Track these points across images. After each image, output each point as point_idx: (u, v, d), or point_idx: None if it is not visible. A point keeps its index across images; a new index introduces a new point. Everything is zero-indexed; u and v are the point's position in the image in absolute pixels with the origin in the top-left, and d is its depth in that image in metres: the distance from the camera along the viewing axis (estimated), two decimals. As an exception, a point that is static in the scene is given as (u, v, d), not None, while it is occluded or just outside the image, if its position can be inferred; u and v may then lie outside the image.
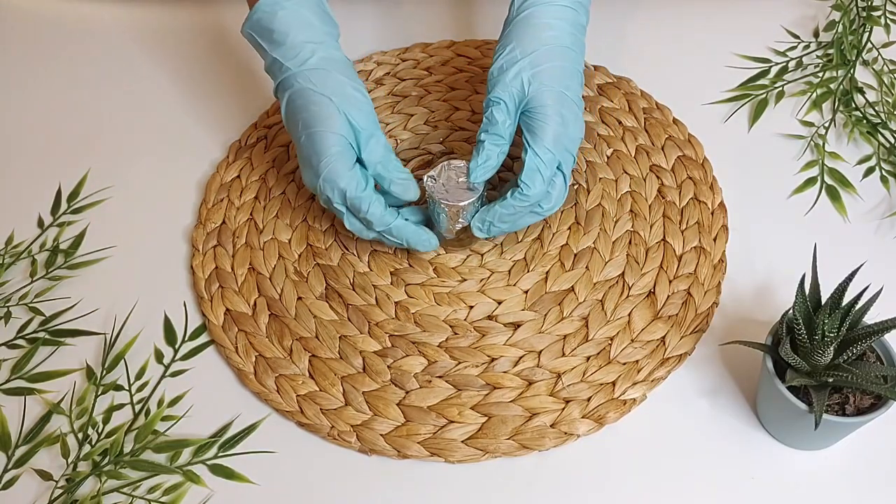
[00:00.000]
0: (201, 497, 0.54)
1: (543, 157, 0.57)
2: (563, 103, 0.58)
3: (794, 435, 0.53)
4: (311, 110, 0.59)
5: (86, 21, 0.85)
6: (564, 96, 0.58)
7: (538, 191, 0.57)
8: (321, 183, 0.58)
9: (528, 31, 0.59)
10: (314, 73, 0.59)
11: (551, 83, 0.57)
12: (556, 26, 0.59)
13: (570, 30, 0.59)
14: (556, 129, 0.57)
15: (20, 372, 0.60)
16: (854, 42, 0.75)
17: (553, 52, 0.58)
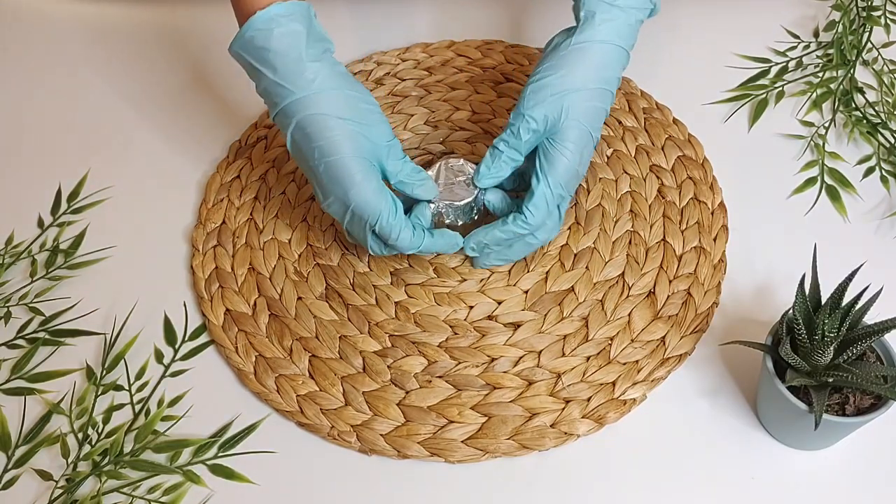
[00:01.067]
0: (201, 497, 0.54)
1: (553, 191, 0.57)
2: (586, 144, 0.58)
3: (794, 435, 0.53)
4: (328, 136, 0.55)
5: (86, 21, 0.85)
6: (590, 137, 0.58)
7: (540, 220, 0.58)
8: (351, 214, 0.57)
9: (583, 64, 0.57)
10: (324, 97, 0.56)
11: (584, 121, 0.57)
12: (610, 67, 0.58)
13: (618, 73, 0.59)
14: (572, 167, 0.57)
15: (20, 372, 0.60)
16: (854, 42, 0.75)
17: (597, 94, 0.58)
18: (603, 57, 0.57)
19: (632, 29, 0.59)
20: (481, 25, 0.81)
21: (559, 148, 0.57)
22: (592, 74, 0.57)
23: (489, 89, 0.74)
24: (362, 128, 0.56)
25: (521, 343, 0.59)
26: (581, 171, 0.58)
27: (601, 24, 0.57)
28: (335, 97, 0.56)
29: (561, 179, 0.57)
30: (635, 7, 0.58)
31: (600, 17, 0.57)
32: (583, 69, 0.57)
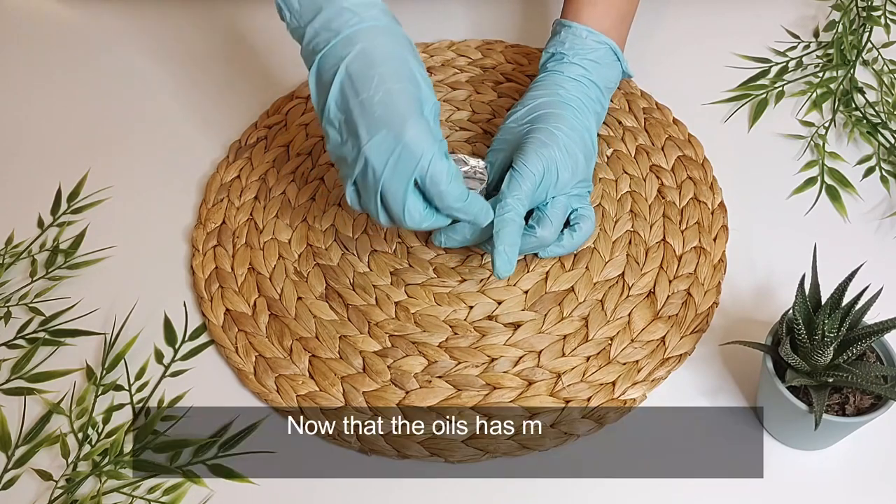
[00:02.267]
0: (201, 497, 0.54)
1: (522, 172, 0.58)
2: (549, 137, 0.59)
3: (794, 435, 0.53)
4: (398, 60, 0.52)
5: (86, 21, 0.85)
6: (551, 133, 0.59)
7: (514, 200, 0.57)
8: (399, 155, 0.51)
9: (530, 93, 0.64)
10: (396, 30, 0.54)
11: (540, 122, 0.60)
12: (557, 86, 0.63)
13: (571, 91, 0.63)
14: (540, 152, 0.58)
15: (20, 372, 0.60)
16: (854, 42, 0.75)
17: (547, 104, 0.62)
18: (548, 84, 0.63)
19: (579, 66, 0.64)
20: (481, 25, 0.81)
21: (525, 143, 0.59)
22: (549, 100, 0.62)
23: (489, 89, 0.74)
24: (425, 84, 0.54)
25: (521, 343, 0.59)
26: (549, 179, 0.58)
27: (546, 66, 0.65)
28: (403, 36, 0.55)
29: (528, 161, 0.58)
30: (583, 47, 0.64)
31: (544, 64, 0.65)
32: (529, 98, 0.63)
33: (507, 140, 0.62)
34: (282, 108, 0.74)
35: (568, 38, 0.64)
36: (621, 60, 0.66)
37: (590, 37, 0.64)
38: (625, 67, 0.66)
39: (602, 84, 0.64)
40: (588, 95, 0.63)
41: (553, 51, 0.65)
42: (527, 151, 0.58)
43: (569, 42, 0.64)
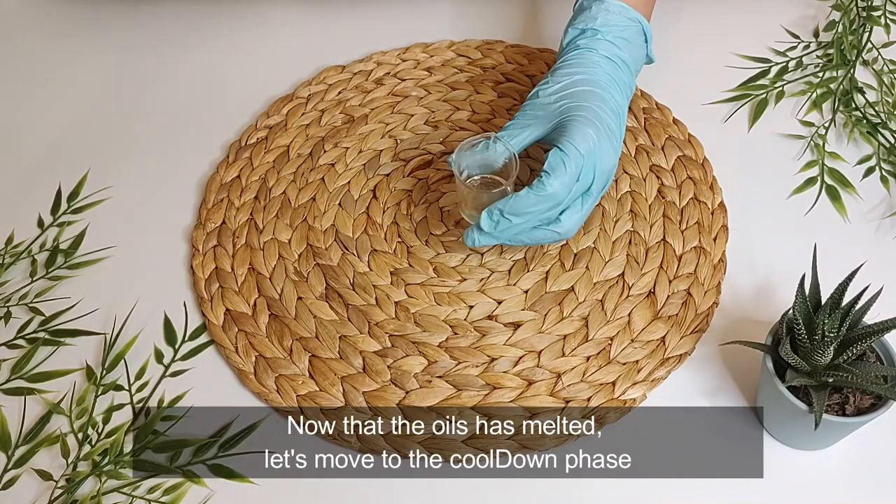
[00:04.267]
0: (201, 497, 0.54)
1: (569, 152, 0.55)
2: (595, 116, 0.57)
3: (794, 435, 0.53)
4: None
5: (86, 21, 0.85)
6: (596, 113, 0.57)
7: (558, 187, 0.54)
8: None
9: (563, 69, 0.61)
10: None
11: (582, 100, 0.58)
12: (592, 64, 0.61)
13: (605, 69, 0.61)
14: (585, 131, 0.56)
15: (20, 372, 0.60)
16: (854, 42, 0.75)
17: (584, 81, 0.60)
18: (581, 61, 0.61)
19: (611, 44, 0.62)
20: (481, 25, 0.81)
21: (566, 120, 0.57)
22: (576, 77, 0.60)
23: (489, 89, 0.74)
24: None
25: (521, 343, 0.59)
26: (603, 148, 0.56)
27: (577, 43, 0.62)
28: None
29: (575, 142, 0.55)
30: (615, 24, 0.62)
31: (575, 41, 0.63)
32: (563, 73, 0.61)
33: (536, 116, 0.59)
34: (281, 108, 0.74)
35: (600, 13, 0.62)
36: (648, 41, 0.64)
37: (622, 13, 0.62)
38: (649, 50, 0.65)
39: (632, 65, 0.63)
40: (621, 77, 0.61)
41: (583, 27, 0.62)
42: (572, 130, 0.56)
43: (601, 17, 0.62)
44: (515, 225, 0.55)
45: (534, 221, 0.55)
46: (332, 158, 0.70)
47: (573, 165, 0.54)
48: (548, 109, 0.59)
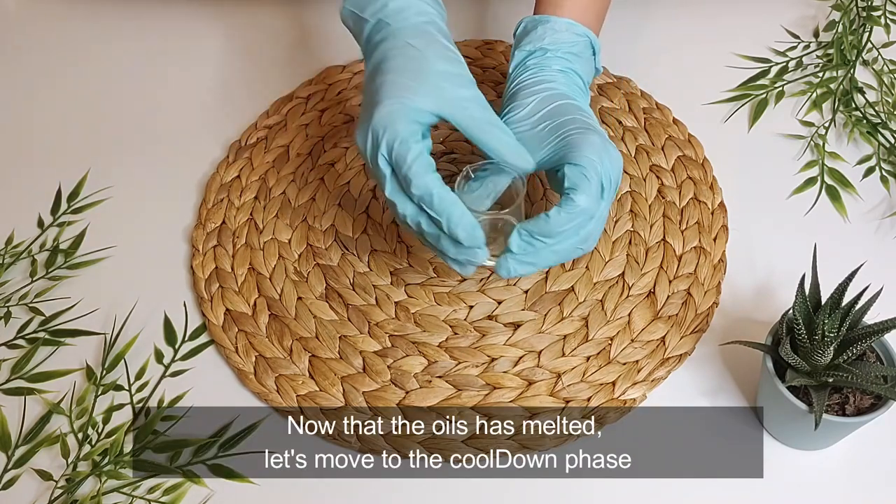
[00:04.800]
0: (201, 497, 0.54)
1: (586, 164, 0.51)
2: (584, 123, 0.55)
3: (794, 435, 0.53)
4: (403, 62, 0.53)
5: (86, 21, 0.85)
6: (582, 120, 0.55)
7: (587, 202, 0.51)
8: (371, 126, 0.51)
9: (522, 93, 0.59)
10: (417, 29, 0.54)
11: (562, 115, 0.55)
12: (549, 80, 0.59)
13: (565, 82, 0.59)
14: (591, 139, 0.53)
15: (20, 372, 0.60)
16: (854, 42, 0.75)
17: (552, 96, 0.57)
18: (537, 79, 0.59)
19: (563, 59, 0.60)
20: (481, 25, 0.81)
21: (569, 135, 0.54)
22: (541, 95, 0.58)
23: (489, 89, 0.74)
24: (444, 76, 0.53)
25: (521, 343, 0.59)
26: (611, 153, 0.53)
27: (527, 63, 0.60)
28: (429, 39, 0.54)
29: (587, 152, 0.52)
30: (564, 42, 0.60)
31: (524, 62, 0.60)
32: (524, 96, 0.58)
33: None
34: (281, 108, 0.74)
35: (547, 33, 0.60)
36: (597, 54, 0.62)
37: (570, 29, 0.61)
38: (597, 62, 0.63)
39: (584, 77, 0.61)
40: (579, 86, 0.60)
41: (531, 48, 0.60)
42: (578, 144, 0.53)
43: (549, 37, 0.60)
44: (549, 246, 0.51)
45: (570, 239, 0.52)
46: (332, 158, 0.70)
47: (594, 176, 0.52)
48: (529, 135, 0.56)
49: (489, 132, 0.53)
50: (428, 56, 0.53)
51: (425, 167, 0.50)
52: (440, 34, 0.56)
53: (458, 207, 0.50)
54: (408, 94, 0.51)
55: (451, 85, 0.53)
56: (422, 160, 0.50)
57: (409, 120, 0.51)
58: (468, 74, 0.55)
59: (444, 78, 0.53)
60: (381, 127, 0.50)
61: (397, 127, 0.50)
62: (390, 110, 0.51)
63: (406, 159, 0.50)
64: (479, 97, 0.54)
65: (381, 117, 0.51)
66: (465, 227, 0.50)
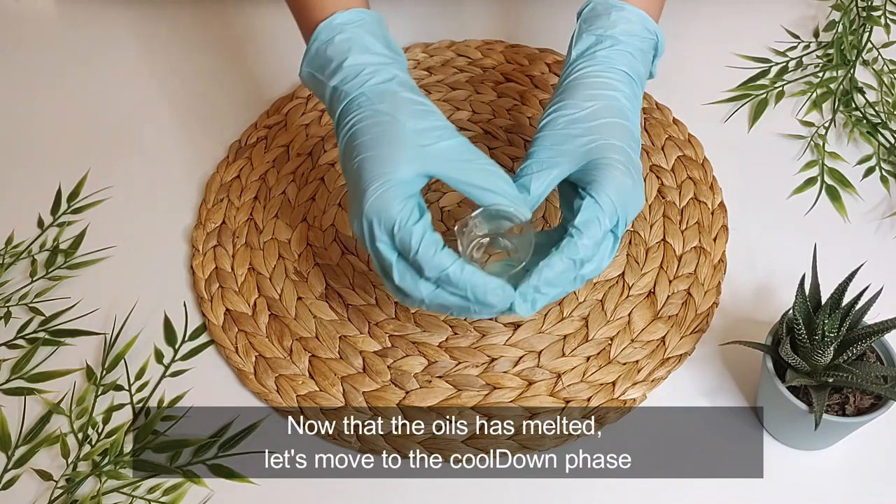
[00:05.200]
0: (201, 497, 0.54)
1: (605, 206, 0.49)
2: (628, 159, 0.51)
3: (794, 435, 0.53)
4: (375, 132, 0.50)
5: (86, 21, 0.85)
6: (628, 154, 0.51)
7: (591, 244, 0.49)
8: (365, 215, 0.48)
9: (583, 89, 0.54)
10: (378, 91, 0.52)
11: (613, 138, 0.51)
12: (614, 87, 0.54)
13: (627, 93, 0.54)
14: (622, 181, 0.50)
15: (20, 372, 0.60)
16: (854, 42, 0.75)
17: (611, 109, 0.53)
18: (604, 78, 0.54)
19: (631, 56, 0.55)
20: (481, 25, 0.81)
21: (597, 167, 0.50)
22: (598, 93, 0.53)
23: (489, 89, 0.74)
24: (421, 135, 0.50)
25: (521, 343, 0.59)
26: (635, 195, 0.51)
27: (595, 54, 0.55)
28: (392, 96, 0.51)
29: (610, 193, 0.49)
30: (636, 35, 0.56)
31: (592, 49, 0.55)
32: (583, 93, 0.53)
33: (562, 151, 0.52)
34: (282, 108, 0.74)
35: (620, 20, 0.55)
36: (657, 56, 0.58)
37: (641, 22, 0.56)
38: (654, 67, 0.59)
39: (643, 81, 0.57)
40: (638, 97, 0.55)
41: (601, 33, 0.55)
42: (607, 179, 0.50)
43: (622, 25, 0.55)
44: (553, 295, 0.49)
45: (569, 282, 0.49)
46: (332, 158, 0.70)
47: (608, 221, 0.49)
48: (573, 143, 0.52)
49: (484, 179, 0.50)
50: (399, 118, 0.50)
51: (433, 246, 0.47)
52: (404, 88, 0.52)
53: (479, 277, 0.47)
54: (390, 168, 0.49)
55: (430, 140, 0.50)
56: (428, 241, 0.47)
57: (401, 198, 0.48)
58: (445, 123, 0.52)
59: (422, 136, 0.50)
60: (375, 214, 0.48)
61: (392, 211, 0.48)
62: (379, 194, 0.48)
63: (411, 245, 0.47)
64: (462, 144, 0.51)
65: (373, 204, 0.48)
66: (495, 294, 0.47)
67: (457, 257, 0.48)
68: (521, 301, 0.48)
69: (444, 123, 0.52)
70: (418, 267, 0.48)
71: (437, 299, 0.48)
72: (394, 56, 0.54)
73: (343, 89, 0.52)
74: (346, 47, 0.53)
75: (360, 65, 0.52)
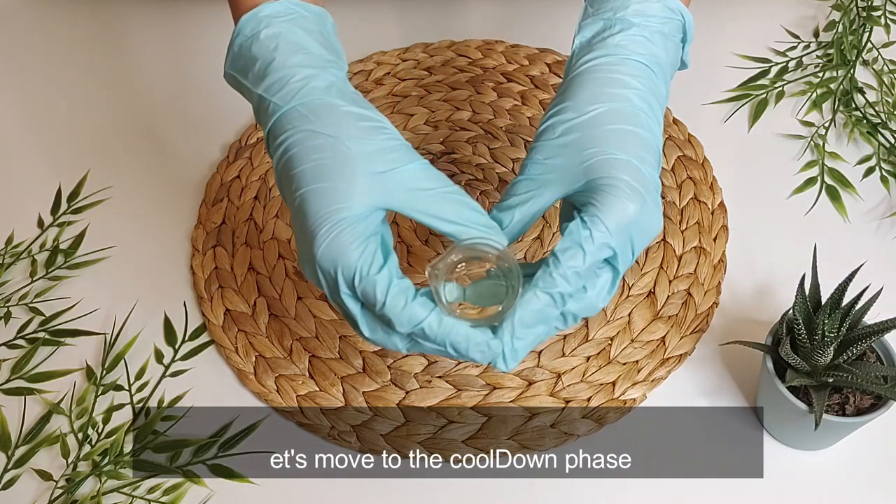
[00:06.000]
0: (201, 497, 0.54)
1: (595, 235, 0.41)
2: (637, 178, 0.42)
3: (794, 435, 0.53)
4: (317, 160, 0.42)
5: (86, 21, 0.85)
6: (638, 170, 0.42)
7: (572, 276, 0.41)
8: (318, 264, 0.41)
9: (587, 87, 0.45)
10: (315, 105, 0.43)
11: (618, 150, 0.42)
12: (626, 83, 0.44)
13: (642, 91, 0.45)
14: (624, 207, 0.41)
15: (20, 372, 0.60)
16: (854, 42, 0.75)
17: (620, 114, 0.44)
18: (614, 74, 0.45)
19: (650, 42, 0.46)
20: (481, 25, 0.81)
21: (597, 189, 0.42)
22: (604, 91, 0.44)
23: (489, 89, 0.74)
24: (372, 159, 0.42)
25: (521, 343, 0.59)
26: (642, 219, 0.42)
27: (605, 41, 0.46)
28: (327, 109, 0.43)
29: (607, 222, 0.41)
30: (654, 16, 0.46)
31: (601, 36, 0.46)
32: (588, 92, 0.45)
33: (555, 166, 0.44)
34: (282, 108, 0.74)
35: (632, 0, 0.46)
36: (687, 41, 0.48)
37: (661, 0, 0.46)
38: (685, 54, 0.49)
39: (669, 72, 0.47)
40: (659, 93, 0.46)
41: (610, 16, 0.46)
42: (605, 202, 0.41)
43: (634, 6, 0.46)
44: (533, 339, 0.42)
45: (551, 321, 0.42)
46: (332, 158, 0.70)
47: (596, 252, 0.41)
48: (570, 158, 0.43)
49: (454, 210, 0.43)
50: (343, 140, 0.42)
51: (402, 297, 0.41)
52: (345, 99, 0.44)
53: (460, 330, 0.41)
54: (341, 204, 0.41)
55: (385, 166, 0.42)
56: (395, 292, 0.41)
57: (358, 241, 0.41)
58: (399, 141, 0.44)
59: (374, 160, 0.42)
60: (331, 265, 0.41)
61: (349, 258, 0.41)
62: (332, 239, 0.41)
63: (377, 298, 0.41)
64: (424, 169, 0.43)
65: (325, 252, 0.41)
66: (478, 349, 0.41)
67: (432, 306, 0.41)
68: (502, 361, 0.41)
69: (399, 142, 0.44)
70: (388, 322, 0.41)
71: (415, 349, 0.43)
72: (331, 58, 0.46)
73: (271, 101, 0.44)
74: (273, 45, 0.44)
75: (289, 68, 0.44)
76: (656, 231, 0.44)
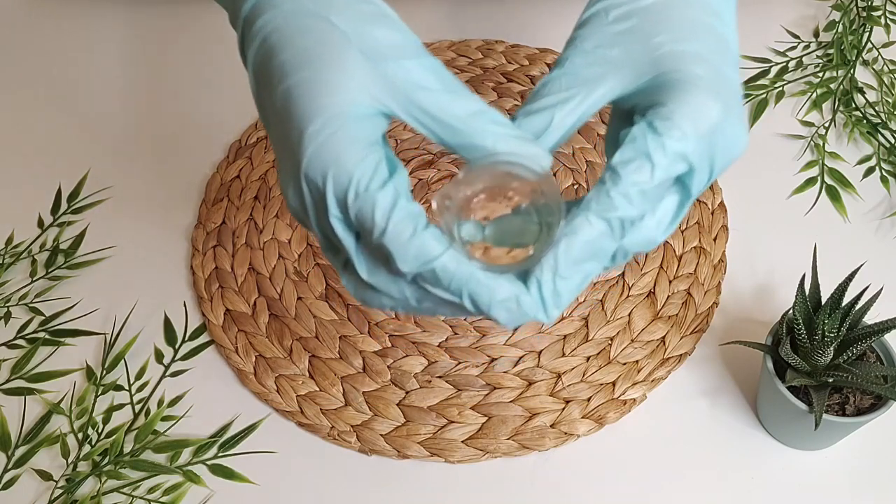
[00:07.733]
0: (201, 497, 0.54)
1: (667, 144, 0.31)
2: (719, 78, 0.33)
3: (794, 435, 0.53)
4: (303, 44, 0.33)
5: (85, 21, 0.85)
6: (720, 69, 0.33)
7: (635, 195, 0.31)
8: (304, 174, 0.31)
9: None
10: None
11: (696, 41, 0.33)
12: None
13: None
14: (705, 106, 0.32)
15: (20, 372, 0.60)
16: (854, 42, 0.75)
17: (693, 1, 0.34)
18: None
19: None
20: (481, 25, 0.81)
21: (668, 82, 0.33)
22: None
23: (490, 89, 0.74)
24: (373, 50, 0.33)
25: (521, 343, 0.59)
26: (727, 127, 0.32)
27: None
28: None
29: (683, 124, 0.31)
30: None
31: None
32: None
33: (611, 57, 0.34)
34: (282, 108, 0.74)
35: None
36: None
37: None
38: None
39: None
40: None
41: None
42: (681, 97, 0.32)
43: None
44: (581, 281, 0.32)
45: (604, 258, 0.33)
46: (332, 158, 0.70)
47: (668, 166, 0.31)
48: (630, 47, 0.33)
49: (473, 119, 0.35)
50: (336, 23, 0.33)
51: (411, 223, 0.31)
52: None
53: (481, 279, 0.31)
54: (335, 97, 0.32)
55: (387, 59, 0.33)
56: (401, 215, 0.31)
57: (358, 145, 0.31)
58: (408, 35, 0.35)
59: (375, 52, 0.33)
60: (319, 175, 0.31)
61: (346, 164, 0.31)
62: (322, 142, 0.31)
63: (375, 220, 0.31)
64: (436, 68, 0.35)
65: (315, 156, 0.31)
66: (504, 305, 0.31)
67: (448, 244, 0.31)
68: (537, 296, 0.31)
69: (407, 36, 0.35)
70: (390, 257, 0.31)
71: (416, 305, 0.33)
72: None
73: None
74: None
75: None
76: (742, 149, 0.33)
